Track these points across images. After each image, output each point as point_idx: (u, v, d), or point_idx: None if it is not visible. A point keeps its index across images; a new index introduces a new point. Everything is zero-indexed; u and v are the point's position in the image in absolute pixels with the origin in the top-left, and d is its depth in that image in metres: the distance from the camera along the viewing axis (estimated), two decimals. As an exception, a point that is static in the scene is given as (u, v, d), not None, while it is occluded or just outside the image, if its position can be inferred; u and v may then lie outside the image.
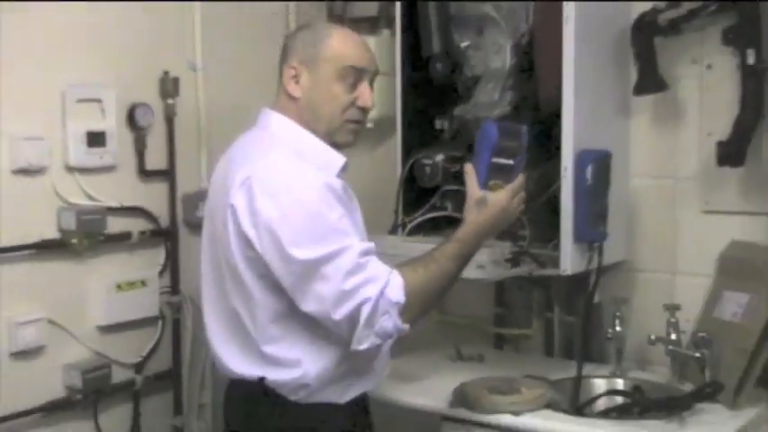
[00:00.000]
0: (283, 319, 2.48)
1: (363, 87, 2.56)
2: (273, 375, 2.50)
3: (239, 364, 2.56)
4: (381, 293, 2.34)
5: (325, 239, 2.35)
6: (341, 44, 2.55)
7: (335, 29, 2.64)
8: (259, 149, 2.54)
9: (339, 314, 2.35)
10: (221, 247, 2.50)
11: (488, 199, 2.51)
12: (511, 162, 2.55)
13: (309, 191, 2.39)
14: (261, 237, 2.39)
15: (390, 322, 2.35)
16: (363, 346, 2.38)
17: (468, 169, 2.55)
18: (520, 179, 2.56)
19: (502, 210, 2.52)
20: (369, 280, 2.35)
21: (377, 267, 2.39)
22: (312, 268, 2.35)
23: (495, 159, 2.54)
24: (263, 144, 2.56)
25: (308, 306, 2.39)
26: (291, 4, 3.82)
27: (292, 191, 2.39)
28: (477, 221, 2.51)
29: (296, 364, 2.48)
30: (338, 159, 2.56)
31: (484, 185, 2.53)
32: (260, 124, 2.62)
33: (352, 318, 2.35)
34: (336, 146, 2.59)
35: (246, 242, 2.42)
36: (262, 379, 2.51)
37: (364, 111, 2.60)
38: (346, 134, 2.59)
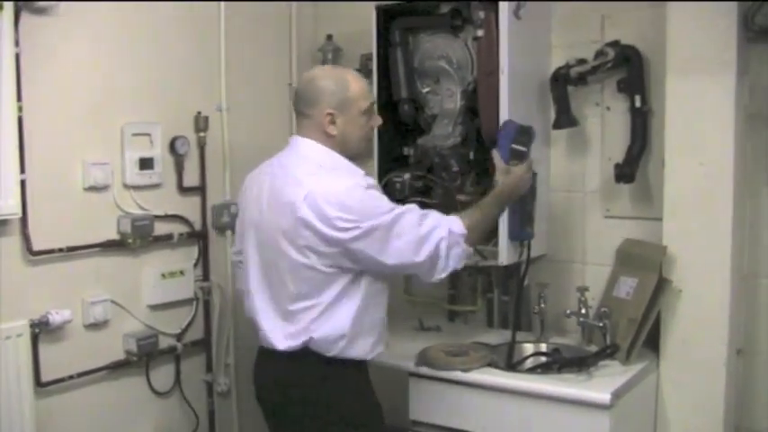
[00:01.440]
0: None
1: (376, 114, 2.68)
2: (316, 335, 2.49)
3: (282, 337, 2.53)
4: (450, 231, 2.46)
5: (390, 210, 2.42)
6: (360, 88, 2.57)
7: (348, 74, 2.61)
8: (304, 170, 2.50)
9: (421, 256, 2.44)
10: (276, 248, 2.48)
11: (512, 170, 2.71)
12: (524, 149, 2.76)
13: (359, 188, 2.43)
14: (338, 230, 2.38)
15: (460, 250, 2.49)
16: (443, 275, 2.50)
17: (494, 153, 2.74)
18: (530, 161, 2.75)
19: (520, 178, 2.71)
20: (436, 225, 2.46)
21: (437, 215, 2.51)
22: (387, 230, 2.40)
23: (513, 146, 2.75)
24: (306, 166, 2.52)
25: (391, 260, 2.43)
26: (294, 59, 3.81)
27: (349, 191, 2.42)
28: (505, 184, 2.69)
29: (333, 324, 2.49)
30: (359, 170, 2.57)
31: (506, 163, 2.74)
32: (296, 151, 2.59)
33: (433, 256, 2.45)
34: (359, 159, 2.65)
35: (319, 241, 2.41)
36: (307, 341, 2.49)
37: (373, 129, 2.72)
38: (367, 150, 2.73)
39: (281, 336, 2.53)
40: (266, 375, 2.67)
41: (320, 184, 2.44)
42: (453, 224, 2.49)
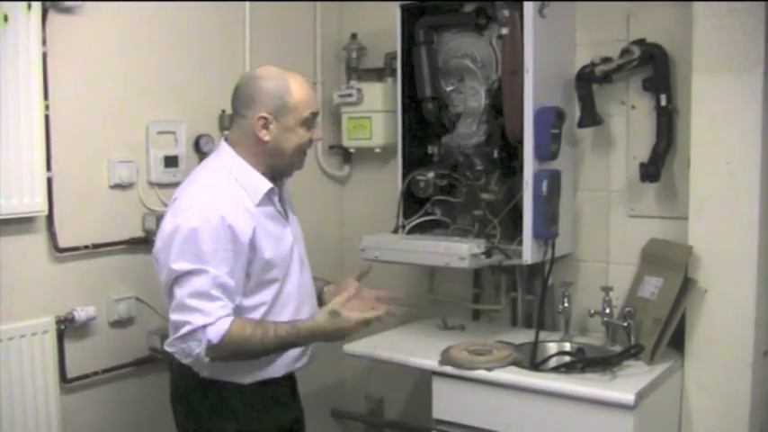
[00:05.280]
0: None
1: (317, 126, 2.52)
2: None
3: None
4: (203, 327, 2.25)
5: (195, 260, 2.27)
6: (301, 95, 2.43)
7: (292, 79, 2.46)
8: (200, 174, 2.48)
9: (172, 317, 2.31)
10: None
11: (341, 315, 2.41)
12: (558, 131, 2.92)
13: (204, 219, 2.29)
14: (158, 245, 2.36)
15: (197, 349, 2.27)
16: (169, 349, 2.34)
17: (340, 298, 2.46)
18: (359, 322, 2.43)
19: (340, 333, 2.44)
20: (203, 311, 2.26)
21: (217, 306, 2.28)
22: (178, 277, 2.28)
23: (552, 130, 2.87)
24: (205, 169, 2.49)
25: (162, 284, 2.37)
26: (318, 58, 3.82)
27: (191, 215, 2.30)
28: (321, 325, 2.42)
29: None
30: (265, 185, 2.44)
31: (547, 149, 2.89)
32: (216, 152, 2.55)
33: (176, 325, 2.29)
34: (288, 173, 2.56)
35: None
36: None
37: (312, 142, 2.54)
38: (300, 163, 2.53)
39: None
40: None
41: (188, 194, 2.41)
42: (217, 327, 2.28)
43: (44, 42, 2.75)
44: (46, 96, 2.76)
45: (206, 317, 2.27)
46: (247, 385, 2.46)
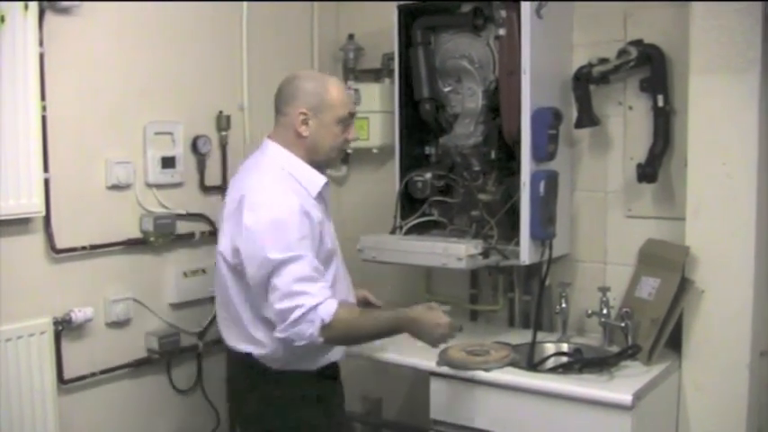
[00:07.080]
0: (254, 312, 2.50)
1: (352, 127, 2.62)
2: (255, 351, 2.54)
3: (235, 341, 2.60)
4: (315, 306, 2.34)
5: (288, 248, 2.36)
6: (339, 95, 2.58)
7: (330, 80, 2.64)
8: (255, 171, 2.57)
9: (278, 306, 2.37)
10: (223, 251, 2.53)
11: (434, 310, 2.53)
12: (555, 132, 2.93)
13: (285, 209, 2.40)
14: (244, 242, 2.41)
15: (310, 330, 2.35)
16: (281, 336, 2.39)
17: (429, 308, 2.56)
18: (457, 328, 2.58)
19: (436, 325, 2.50)
20: (310, 293, 2.35)
21: (320, 287, 2.38)
22: (276, 267, 2.35)
23: (549, 131, 2.88)
24: (259, 166, 2.58)
25: (268, 296, 2.40)
26: (315, 58, 3.82)
27: (272, 207, 2.41)
28: (419, 317, 2.50)
29: (264, 345, 2.52)
30: (320, 179, 2.58)
31: (545, 150, 2.89)
32: (261, 150, 2.63)
33: (285, 313, 2.36)
34: (326, 168, 2.67)
35: (235, 251, 2.45)
36: (249, 354, 2.55)
37: (349, 142, 2.67)
38: (336, 161, 2.74)
39: None
40: None
41: (255, 189, 2.49)
42: (327, 307, 2.37)
43: (41, 43, 2.74)
44: (43, 97, 2.76)
45: (314, 298, 2.37)
46: (315, 371, 2.60)
